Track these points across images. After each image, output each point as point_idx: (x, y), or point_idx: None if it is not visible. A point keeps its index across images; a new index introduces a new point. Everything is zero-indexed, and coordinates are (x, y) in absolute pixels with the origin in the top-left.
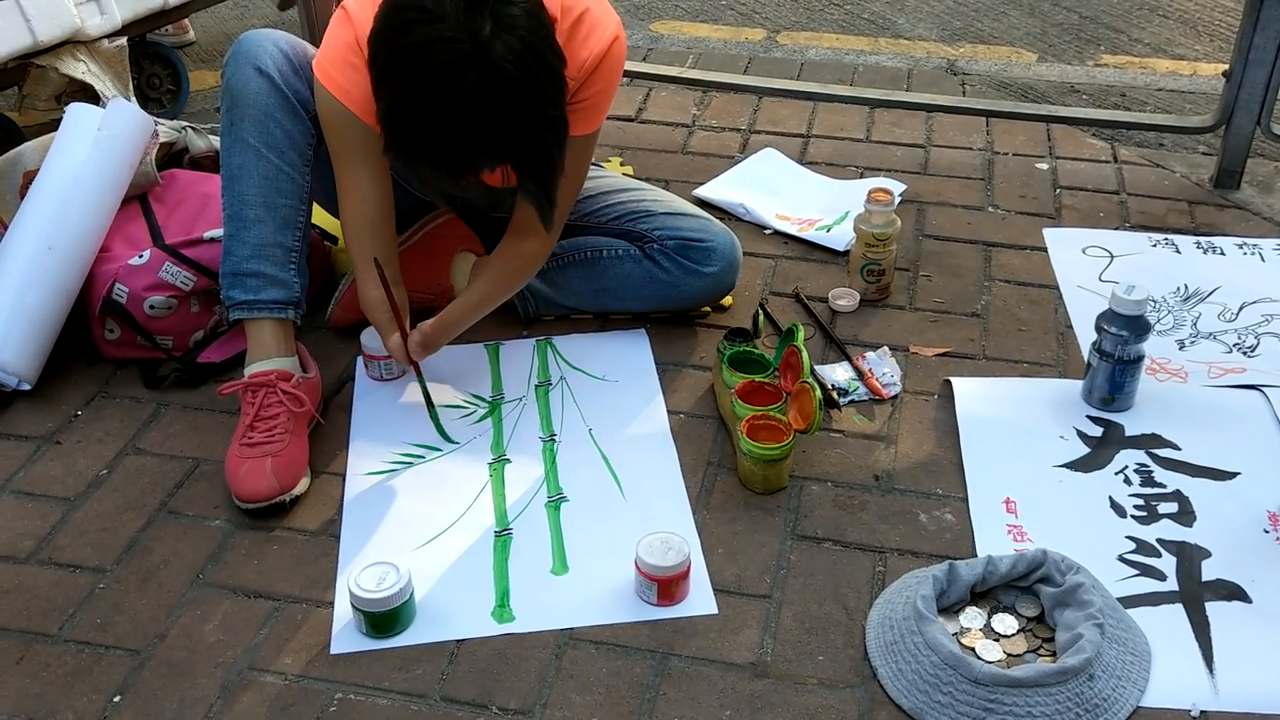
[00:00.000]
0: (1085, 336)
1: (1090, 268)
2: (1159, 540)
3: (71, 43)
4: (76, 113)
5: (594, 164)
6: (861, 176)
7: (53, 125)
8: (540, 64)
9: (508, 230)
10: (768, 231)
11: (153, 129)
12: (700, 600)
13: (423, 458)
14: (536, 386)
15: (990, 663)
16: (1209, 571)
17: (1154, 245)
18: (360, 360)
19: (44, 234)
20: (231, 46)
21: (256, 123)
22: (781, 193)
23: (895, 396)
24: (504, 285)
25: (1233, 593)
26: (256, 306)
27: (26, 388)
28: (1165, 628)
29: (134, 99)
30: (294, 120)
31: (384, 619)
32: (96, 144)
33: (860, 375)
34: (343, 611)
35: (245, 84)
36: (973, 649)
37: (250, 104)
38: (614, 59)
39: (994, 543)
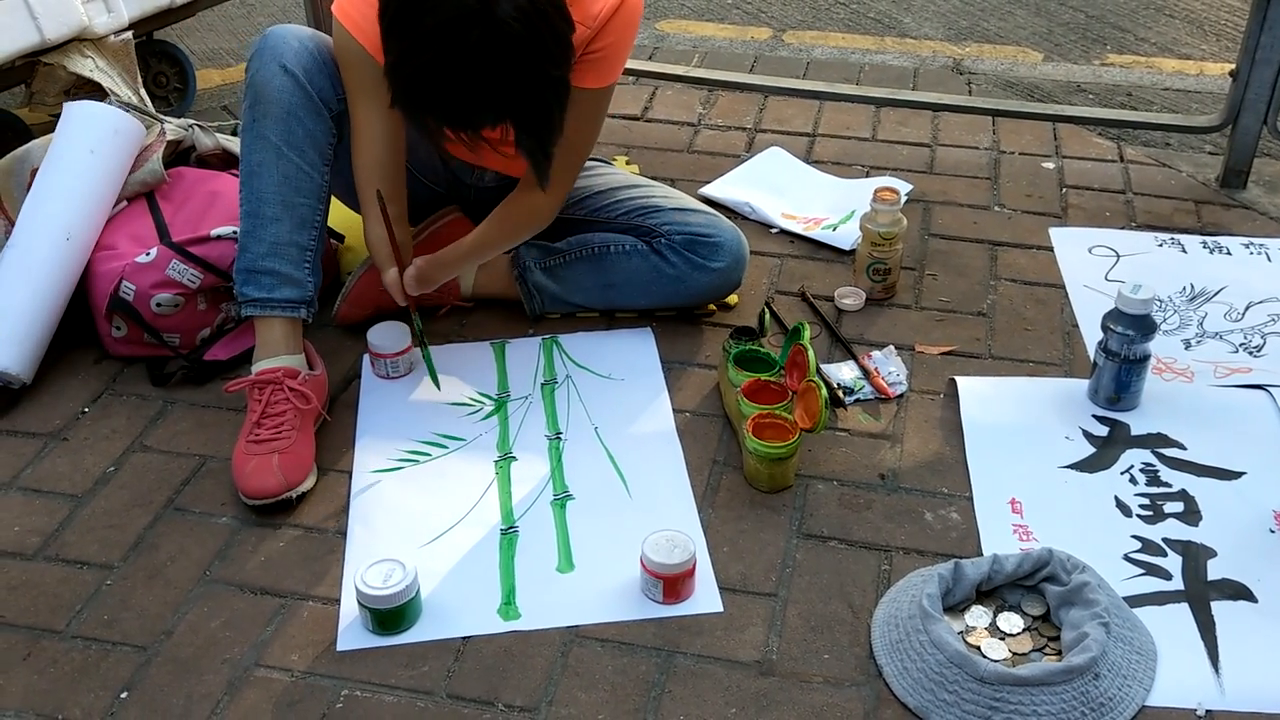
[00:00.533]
0: (1091, 336)
1: (1096, 267)
2: (1165, 539)
3: (79, 40)
4: (66, 113)
5: (601, 161)
6: (867, 176)
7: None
8: (545, 24)
9: (518, 185)
10: (774, 230)
11: (132, 121)
12: (706, 598)
13: (429, 455)
14: (542, 385)
15: (996, 661)
16: (1215, 571)
17: (1160, 245)
18: (367, 358)
19: (29, 233)
20: (257, 41)
21: (279, 120)
22: (787, 192)
23: (901, 395)
24: (505, 234)
25: (1238, 592)
26: (269, 305)
27: (15, 386)
28: (1171, 627)
29: (144, 93)
30: (316, 119)
31: (390, 616)
32: (73, 144)
33: (866, 374)
34: (349, 608)
35: (269, 80)
36: (978, 648)
37: (273, 101)
38: (629, 11)
39: (999, 542)
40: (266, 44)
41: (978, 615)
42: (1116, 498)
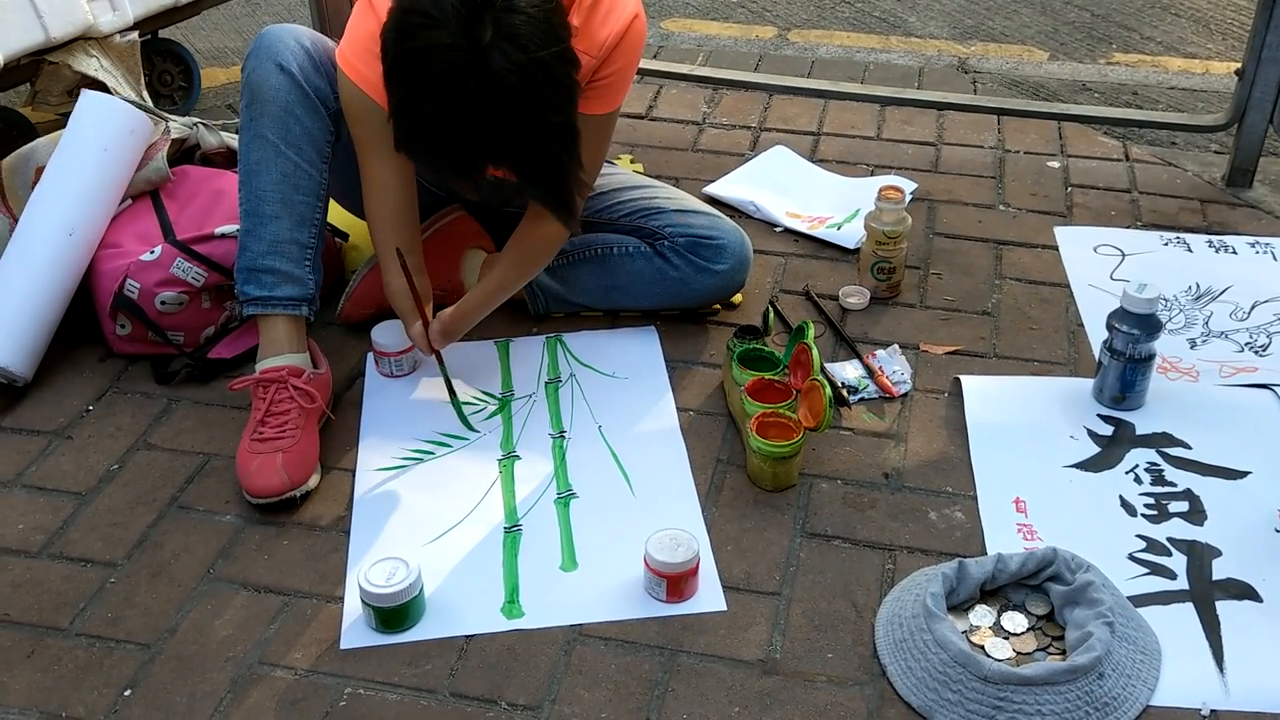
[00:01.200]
0: (1096, 335)
1: (1101, 266)
2: (1169, 539)
3: (84, 39)
4: (78, 107)
5: (606, 160)
6: (872, 174)
7: (65, 121)
8: (544, 73)
9: (526, 214)
10: (778, 229)
11: (143, 119)
12: (709, 597)
13: (432, 454)
14: (546, 383)
15: (1000, 661)
16: (1219, 570)
17: (1165, 244)
18: (371, 356)
19: (33, 229)
20: (253, 41)
21: (276, 119)
22: (792, 190)
23: (905, 394)
24: (524, 269)
25: (1243, 592)
26: (270, 303)
27: (17, 384)
28: (1175, 627)
29: (146, 94)
30: (313, 117)
31: (394, 614)
32: (81, 139)
33: (870, 373)
34: (352, 607)
35: (266, 79)
36: (982, 647)
37: (270, 100)
38: (634, 37)
39: (1003, 541)
40: (262, 43)
41: (982, 614)
42: (1121, 497)
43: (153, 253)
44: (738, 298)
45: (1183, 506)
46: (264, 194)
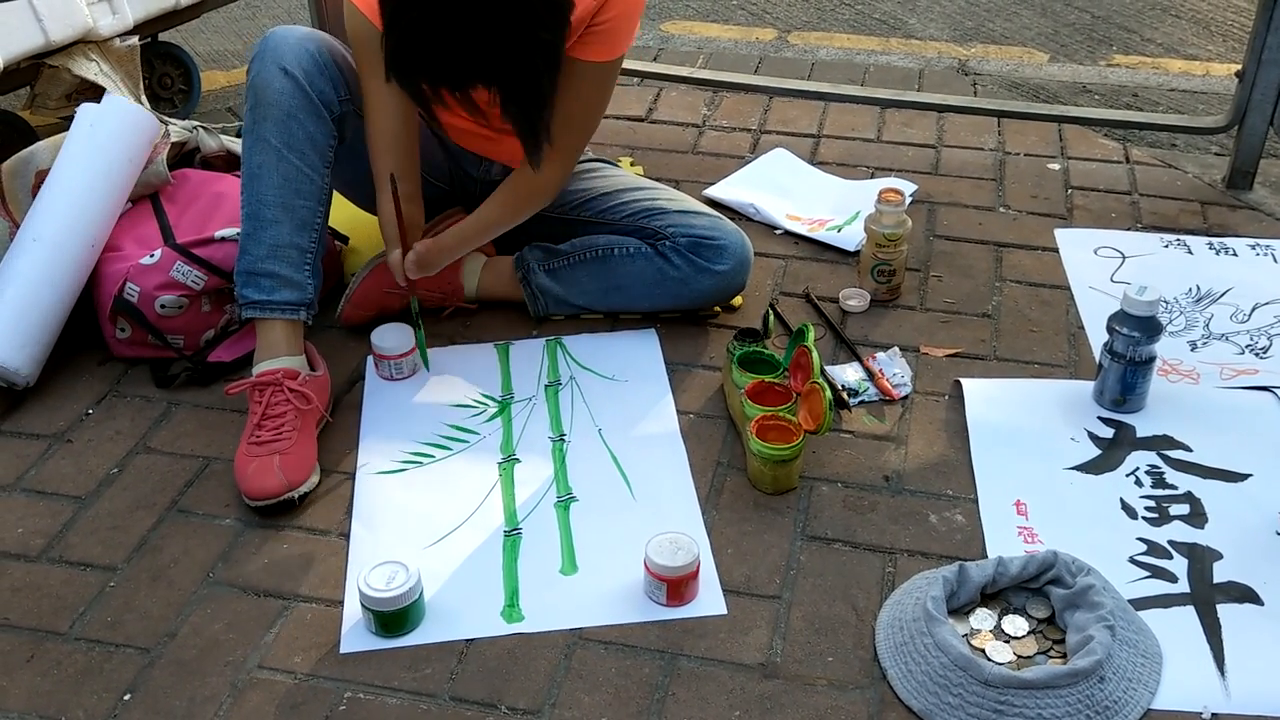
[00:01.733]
0: (1097, 337)
1: (1102, 268)
2: (1170, 542)
3: (83, 42)
4: (82, 113)
5: (606, 162)
6: (872, 177)
7: (65, 125)
8: None
9: (521, 162)
10: (778, 232)
11: (154, 125)
12: (709, 600)
13: (432, 457)
14: (546, 386)
15: (1000, 664)
16: (1220, 574)
17: (1166, 246)
18: (370, 359)
19: (37, 231)
20: (258, 43)
21: (279, 123)
22: (792, 193)
23: (906, 397)
24: (507, 213)
25: (1244, 595)
26: (269, 307)
27: (20, 385)
28: (1176, 630)
29: (145, 99)
30: (316, 121)
31: (393, 618)
32: (89, 141)
33: (871, 376)
34: (352, 610)
35: (269, 83)
36: (983, 650)
37: (273, 104)
38: None
39: (1004, 544)
40: (267, 46)
41: (982, 618)
42: (1122, 500)
43: (152, 256)
44: (737, 300)
45: (1183, 509)
46: (265, 198)
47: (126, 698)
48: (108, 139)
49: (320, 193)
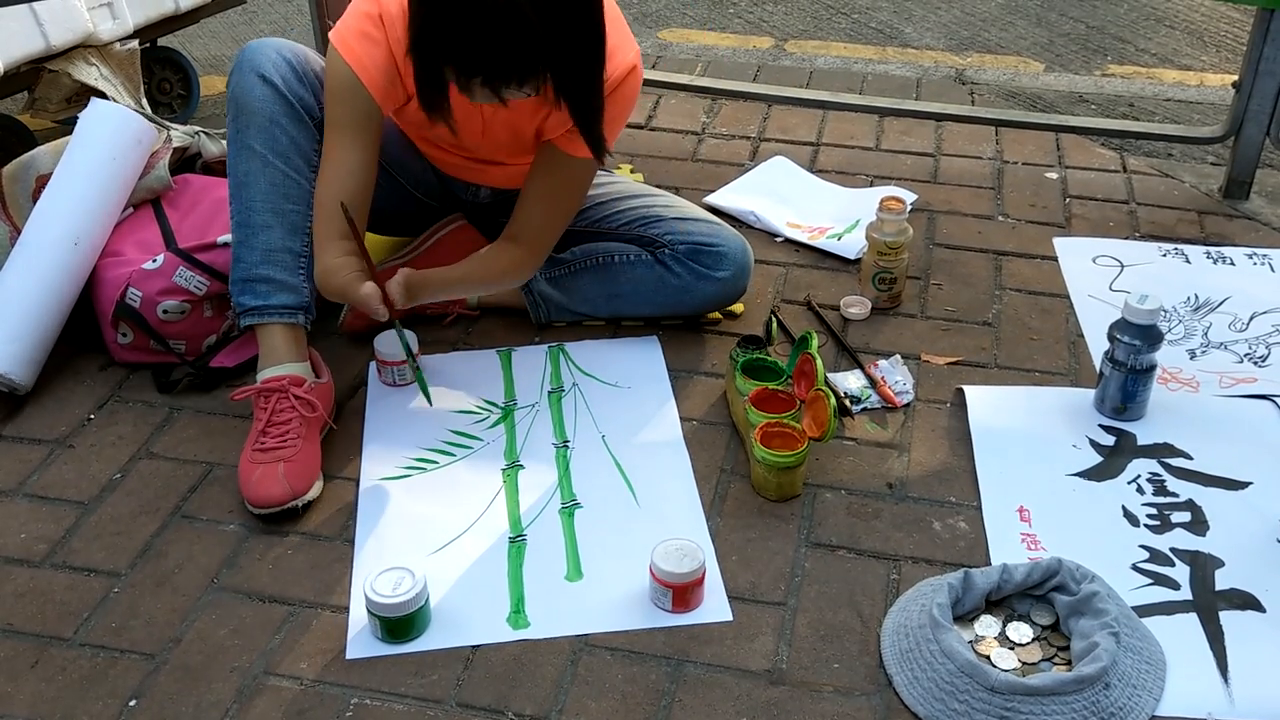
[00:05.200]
0: (1096, 345)
1: (1101, 277)
2: (1172, 549)
3: (83, 47)
4: (83, 119)
5: (605, 170)
6: (871, 185)
7: (64, 129)
8: None
9: (502, 234)
10: (778, 239)
11: (152, 132)
12: (715, 607)
13: (436, 463)
14: (549, 393)
15: (1005, 671)
16: (1223, 581)
17: (1164, 255)
18: (373, 366)
19: (37, 237)
20: (235, 57)
21: (262, 130)
22: (792, 200)
23: (908, 405)
24: (486, 278)
25: (1247, 602)
26: (267, 312)
27: (18, 392)
28: (1179, 637)
29: (145, 104)
30: (299, 127)
31: (399, 624)
32: (89, 148)
33: (873, 383)
34: (358, 616)
35: (249, 91)
36: (987, 657)
37: (255, 111)
38: (629, 87)
39: (1008, 551)
40: (244, 57)
41: (987, 625)
42: (1124, 507)
43: (155, 261)
44: (739, 306)
45: (1185, 517)
46: (254, 205)
47: (132, 704)
48: (107, 145)
49: (309, 196)
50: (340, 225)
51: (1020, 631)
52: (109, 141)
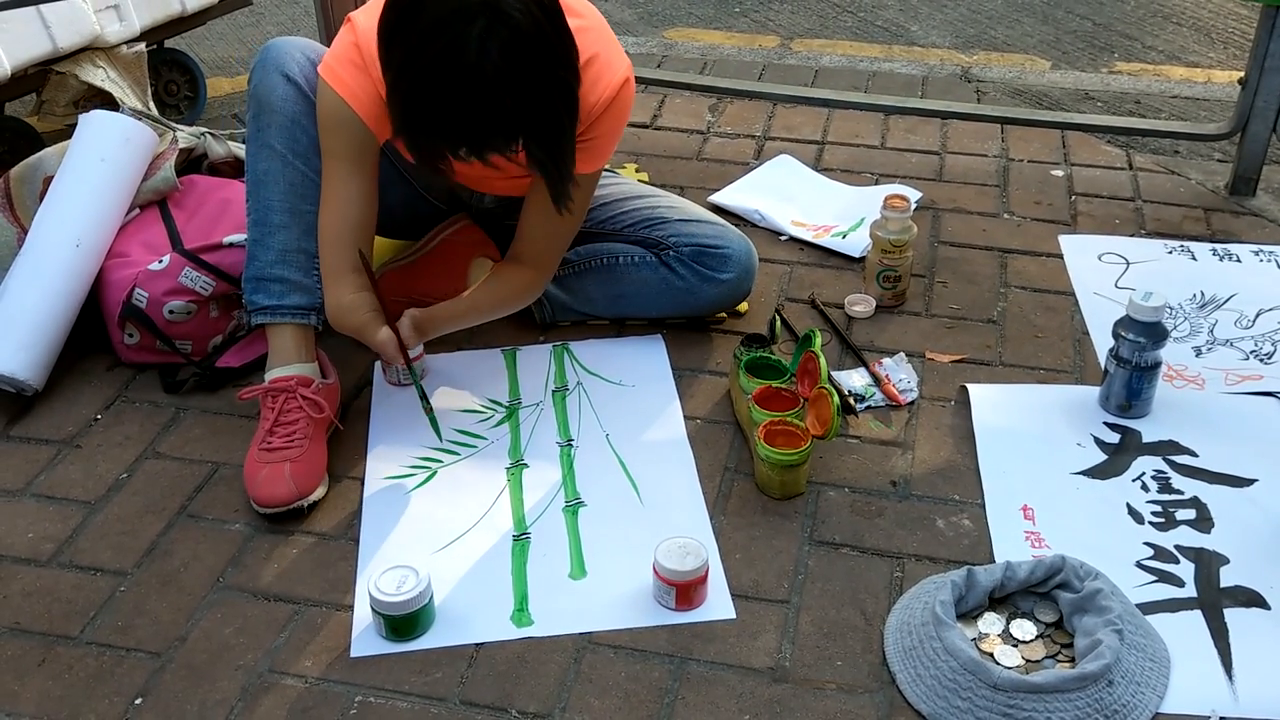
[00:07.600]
0: (1101, 343)
1: (1106, 274)
2: (1177, 547)
3: (91, 49)
4: (83, 123)
5: (610, 170)
6: (876, 183)
7: (71, 131)
8: (551, 20)
9: (506, 255)
10: (783, 238)
11: (152, 136)
12: (718, 605)
13: (441, 462)
14: (554, 391)
15: (1009, 668)
16: (1227, 578)
17: (1170, 252)
18: (379, 365)
19: (41, 240)
20: (258, 53)
21: (283, 129)
22: (797, 199)
23: (912, 403)
24: (495, 305)
25: (1251, 599)
26: (279, 311)
27: (28, 393)
28: (1184, 634)
29: (152, 105)
30: None
31: (404, 622)
32: (90, 151)
33: (877, 381)
34: (362, 615)
35: (272, 90)
36: (991, 654)
37: (277, 110)
38: (622, 102)
39: (1012, 549)
40: (268, 55)
41: (990, 622)
42: (1128, 505)
43: (161, 262)
44: (743, 306)
45: (1190, 514)
46: (272, 204)
47: (138, 702)
48: (109, 148)
49: None
50: (351, 258)
51: (1024, 629)
52: (99, 144)
